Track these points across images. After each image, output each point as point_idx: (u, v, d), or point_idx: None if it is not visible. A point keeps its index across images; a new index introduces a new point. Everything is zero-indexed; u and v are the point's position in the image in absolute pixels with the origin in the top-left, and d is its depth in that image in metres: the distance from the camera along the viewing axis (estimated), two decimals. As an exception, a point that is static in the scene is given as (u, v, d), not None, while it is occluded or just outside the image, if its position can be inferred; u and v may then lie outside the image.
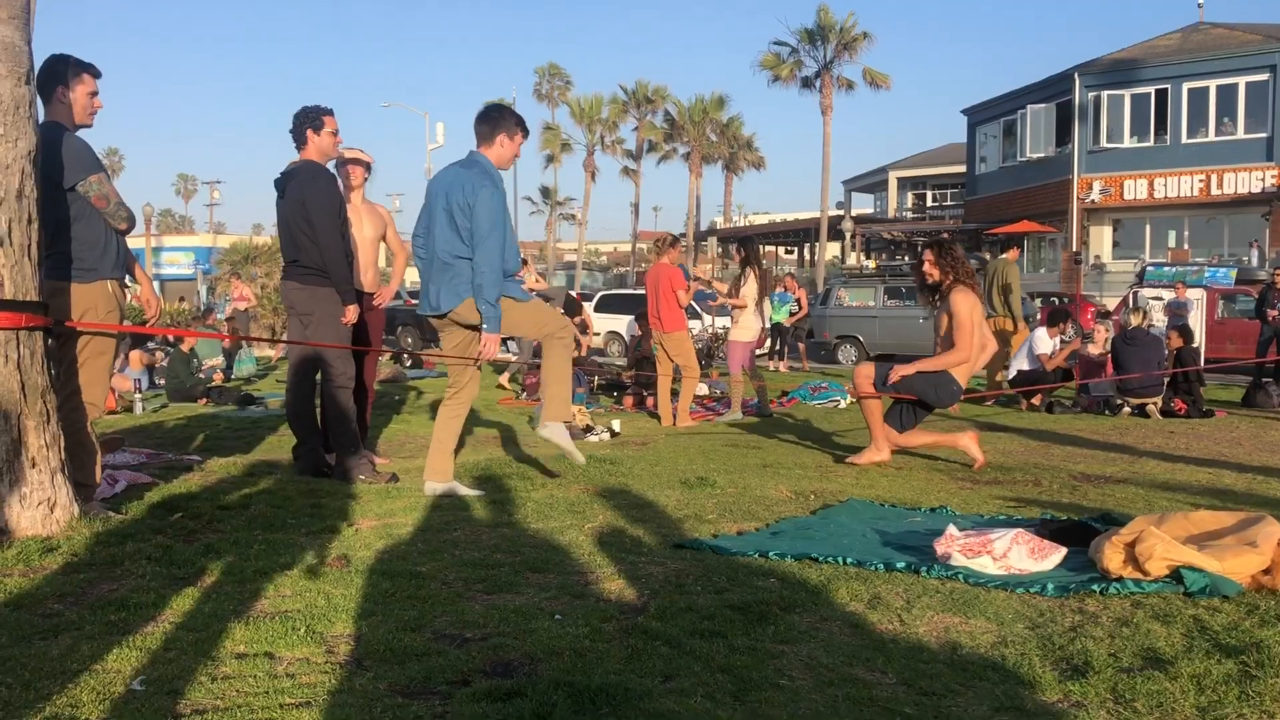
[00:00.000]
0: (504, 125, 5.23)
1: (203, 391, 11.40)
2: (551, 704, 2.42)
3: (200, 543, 4.06)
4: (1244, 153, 31.40)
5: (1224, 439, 8.32)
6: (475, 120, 5.30)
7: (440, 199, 5.12)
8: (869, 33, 40.21)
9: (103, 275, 4.57)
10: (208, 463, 6.12)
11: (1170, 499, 5.42)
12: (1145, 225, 34.20)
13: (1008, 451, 7.41)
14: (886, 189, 53.69)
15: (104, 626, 3.02)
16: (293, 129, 5.78)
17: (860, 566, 3.83)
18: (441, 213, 5.10)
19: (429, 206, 5.25)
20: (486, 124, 5.25)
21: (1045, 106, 35.59)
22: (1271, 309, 15.87)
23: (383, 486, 5.49)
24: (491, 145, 5.23)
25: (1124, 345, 10.77)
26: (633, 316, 13.09)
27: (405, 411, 10.18)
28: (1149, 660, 2.83)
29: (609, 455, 6.78)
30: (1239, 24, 34.64)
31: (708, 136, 52.94)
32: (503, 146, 5.24)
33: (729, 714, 2.45)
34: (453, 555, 3.95)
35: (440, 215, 5.11)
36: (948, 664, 2.83)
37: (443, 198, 5.10)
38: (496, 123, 5.23)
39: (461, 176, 5.09)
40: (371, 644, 2.89)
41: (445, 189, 5.11)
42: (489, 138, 5.23)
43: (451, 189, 5.08)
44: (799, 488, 5.68)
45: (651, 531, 4.44)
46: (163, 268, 45.87)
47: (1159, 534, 3.57)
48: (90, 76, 4.58)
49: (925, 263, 6.81)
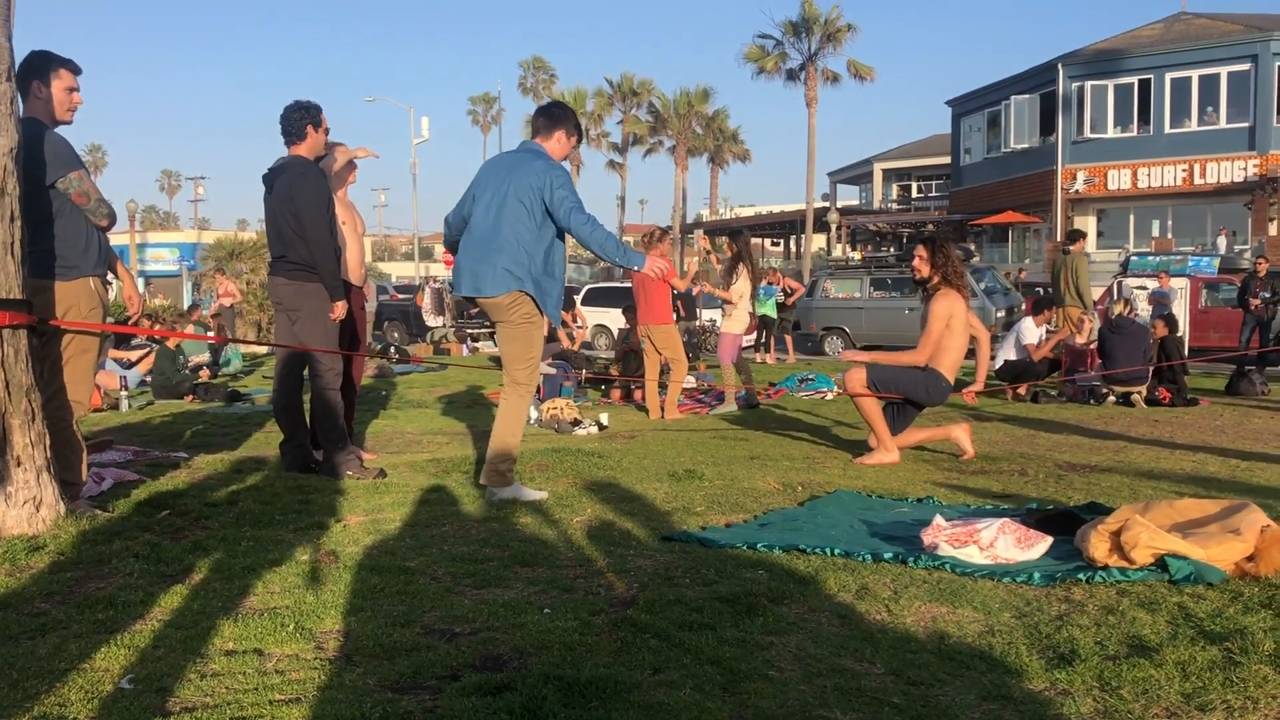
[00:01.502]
0: (564, 123, 5.26)
1: (189, 388, 11.35)
2: (541, 697, 2.43)
3: (188, 540, 4.05)
4: (1226, 142, 31.56)
5: (1208, 427, 8.37)
6: (537, 113, 5.37)
7: (504, 185, 5.03)
8: (853, 25, 40.26)
9: (85, 272, 4.54)
10: (195, 460, 6.10)
11: (1155, 487, 5.45)
12: (1129, 215, 34.36)
13: (994, 441, 7.44)
14: (871, 180, 53.79)
15: (91, 625, 3.02)
16: (288, 123, 5.73)
17: (848, 557, 3.84)
18: (513, 199, 4.98)
19: (481, 190, 5.13)
20: (548, 118, 5.27)
21: (1029, 97, 35.70)
22: (1254, 298, 16.00)
23: (370, 482, 5.49)
24: (549, 139, 5.23)
25: (1110, 334, 10.80)
26: (620, 309, 13.11)
27: (392, 407, 10.16)
28: (1134, 648, 2.85)
29: (597, 449, 6.78)
30: (1221, 14, 34.80)
31: (693, 129, 52.90)
32: (559, 143, 5.25)
33: (718, 705, 2.46)
34: (441, 550, 3.95)
35: (510, 200, 4.98)
36: (935, 653, 2.85)
37: (507, 184, 5.01)
38: (559, 119, 5.27)
39: (527, 163, 5.03)
40: (361, 640, 2.90)
41: (509, 174, 5.03)
42: (548, 132, 5.24)
43: (518, 175, 5.00)
44: (787, 479, 5.70)
45: (640, 524, 4.44)
46: (147, 264, 45.58)
47: (1144, 522, 3.60)
48: (68, 72, 4.54)
49: (916, 258, 6.85)
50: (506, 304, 5.05)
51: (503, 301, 5.04)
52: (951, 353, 6.62)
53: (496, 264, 4.99)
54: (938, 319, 6.58)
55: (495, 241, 5.00)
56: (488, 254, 5.02)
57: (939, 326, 6.58)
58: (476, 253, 5.07)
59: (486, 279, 5.02)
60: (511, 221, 4.98)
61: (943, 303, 6.60)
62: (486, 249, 5.03)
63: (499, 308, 5.08)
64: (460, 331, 22.69)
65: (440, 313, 23.55)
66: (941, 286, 6.67)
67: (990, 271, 22.28)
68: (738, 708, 2.46)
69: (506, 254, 4.98)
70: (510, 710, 2.38)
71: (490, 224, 5.03)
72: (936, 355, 6.61)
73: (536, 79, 58.15)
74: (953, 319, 6.58)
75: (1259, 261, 17.00)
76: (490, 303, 5.10)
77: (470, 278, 5.09)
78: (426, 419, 9.20)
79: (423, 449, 7.19)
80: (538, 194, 4.95)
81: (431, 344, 21.99)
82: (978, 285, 19.64)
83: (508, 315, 5.08)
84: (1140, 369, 10.36)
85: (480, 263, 5.05)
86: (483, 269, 5.04)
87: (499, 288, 5.00)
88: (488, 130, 68.77)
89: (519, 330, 5.10)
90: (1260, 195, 31.02)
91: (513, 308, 5.05)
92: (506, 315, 5.08)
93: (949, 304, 6.59)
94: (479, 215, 5.10)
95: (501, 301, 5.04)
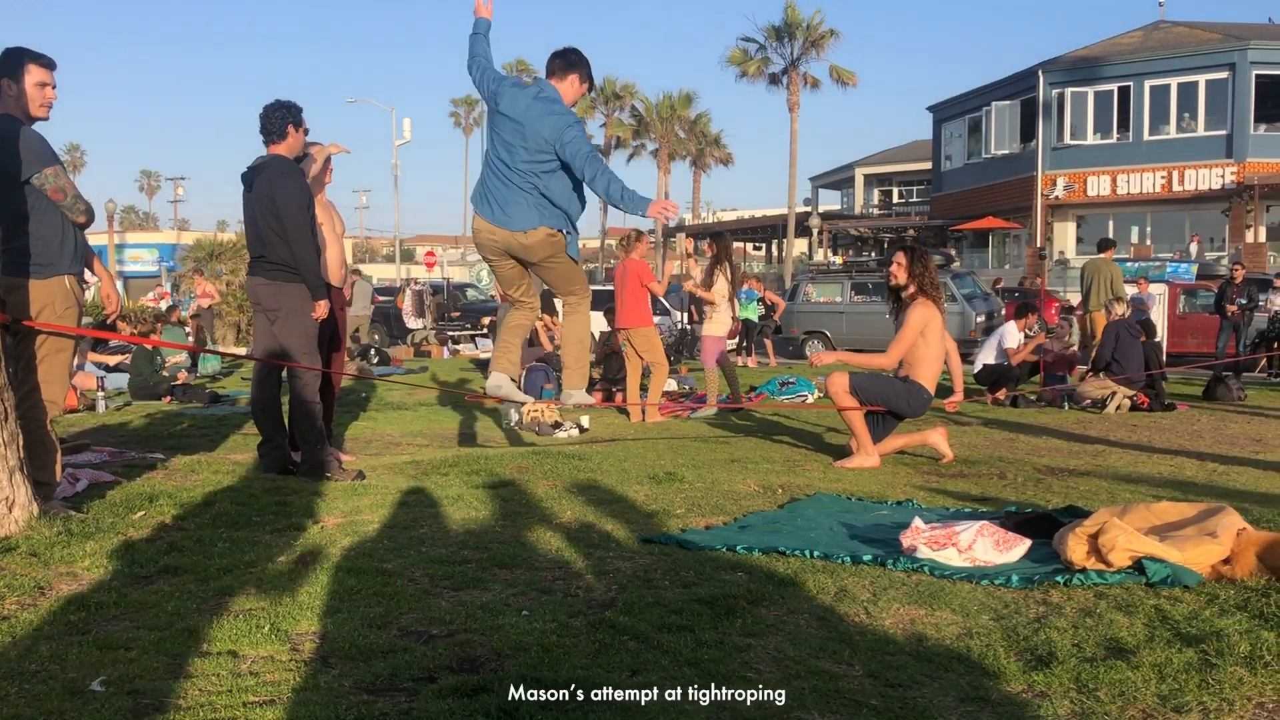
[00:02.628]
0: (579, 69, 5.35)
1: (167, 389, 11.27)
2: (518, 699, 2.42)
3: (163, 541, 4.01)
4: (1204, 150, 31.81)
5: (1185, 432, 8.43)
6: (553, 56, 5.39)
7: (520, 123, 5.15)
8: (836, 30, 40.34)
9: (60, 270, 4.49)
10: (171, 460, 6.05)
11: (1133, 491, 5.48)
12: (1109, 221, 34.55)
13: (973, 445, 7.47)
14: (853, 185, 53.96)
15: (63, 626, 2.98)
16: (269, 122, 5.69)
17: (827, 559, 3.85)
18: (533, 139, 5.12)
19: (499, 125, 5.27)
20: (564, 62, 5.34)
21: (1010, 103, 35.89)
22: (1231, 304, 16.13)
23: (349, 484, 5.46)
24: (563, 82, 5.31)
25: (1127, 335, 10.68)
26: (602, 312, 13.11)
27: (371, 409, 10.11)
28: (1112, 650, 2.86)
29: (577, 451, 6.77)
30: (1199, 22, 35.12)
31: (676, 133, 52.99)
32: (572, 86, 5.33)
33: (696, 708, 2.45)
34: (419, 552, 3.93)
35: (530, 141, 5.13)
36: (914, 655, 2.85)
37: (522, 122, 5.14)
38: (574, 65, 5.34)
39: (538, 110, 5.14)
40: (337, 641, 2.87)
41: (523, 115, 5.15)
42: (563, 74, 5.31)
43: (531, 119, 5.13)
44: (767, 482, 5.70)
45: (620, 526, 4.43)
46: (126, 264, 45.31)
47: (1121, 525, 3.61)
48: (39, 67, 4.46)
49: (895, 264, 6.86)
50: (534, 236, 5.25)
51: (532, 235, 5.24)
52: (930, 363, 6.64)
53: (519, 200, 5.22)
54: (912, 326, 6.61)
55: (516, 182, 5.20)
56: (512, 191, 5.23)
57: (912, 334, 6.60)
58: (504, 186, 5.25)
59: (513, 211, 5.24)
60: (531, 166, 5.16)
61: (919, 311, 6.63)
62: (509, 186, 5.23)
63: (528, 241, 5.27)
64: (441, 334, 22.63)
65: (421, 315, 23.49)
66: (918, 296, 6.70)
67: (970, 277, 22.38)
68: (716, 710, 2.45)
69: (528, 195, 5.20)
70: (487, 712, 2.36)
71: (517, 165, 5.18)
72: (915, 366, 6.63)
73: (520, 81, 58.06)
74: (928, 328, 6.60)
75: (1235, 268, 17.14)
76: (517, 238, 5.27)
77: (502, 209, 5.26)
78: (406, 421, 9.16)
79: (402, 451, 7.17)
80: (547, 146, 5.10)
81: (412, 346, 21.91)
82: (958, 290, 19.72)
83: (540, 254, 5.33)
84: (1143, 373, 10.37)
85: (504, 198, 5.25)
86: (506, 203, 5.25)
87: (523, 223, 5.23)
88: (470, 132, 68.80)
89: (555, 263, 5.40)
90: (1237, 203, 31.28)
91: (544, 245, 5.28)
92: (539, 254, 5.33)
93: (925, 313, 6.62)
94: (503, 148, 5.23)
95: (530, 235, 5.24)
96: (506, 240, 5.29)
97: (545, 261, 5.41)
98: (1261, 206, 31.56)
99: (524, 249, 5.32)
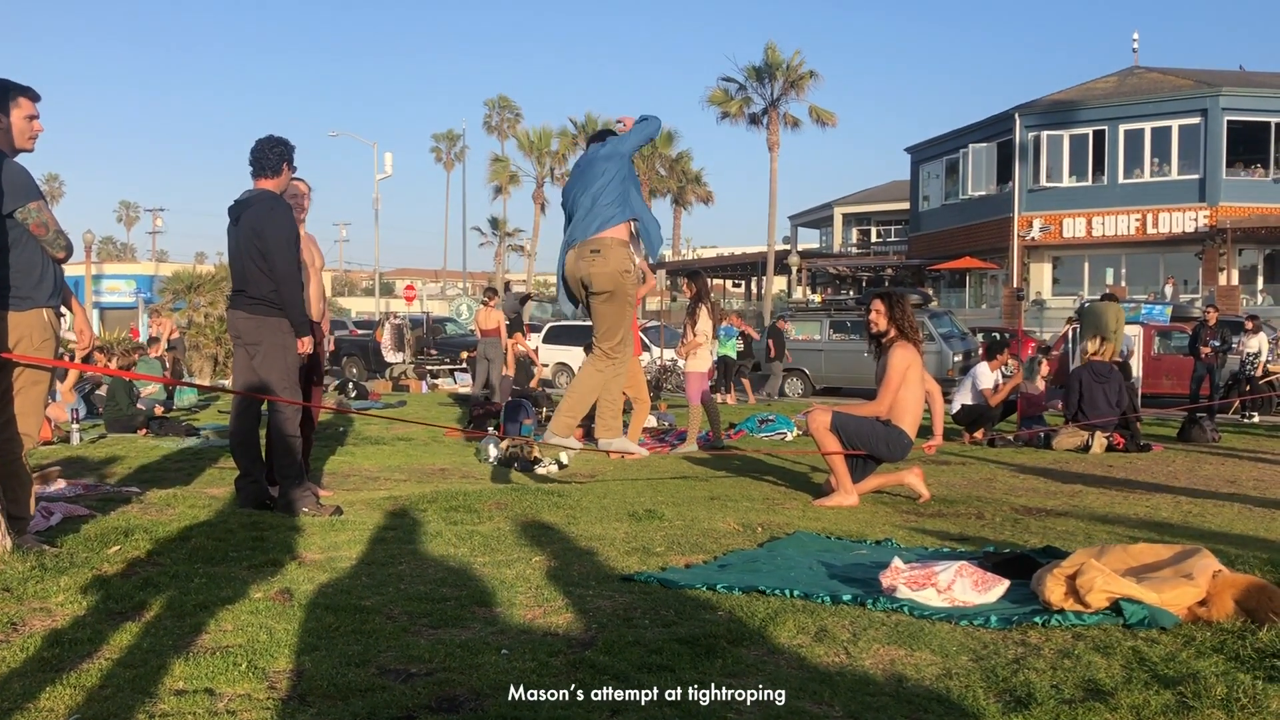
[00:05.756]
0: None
1: (143, 422, 11.18)
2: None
3: (138, 577, 3.97)
4: (1178, 193, 32.28)
5: (1160, 473, 8.49)
6: (594, 135, 6.31)
7: (590, 177, 6.01)
8: (815, 71, 40.82)
9: (38, 304, 4.47)
10: (147, 494, 6.00)
11: (1109, 532, 5.51)
12: (1084, 262, 34.96)
13: (951, 485, 7.50)
14: (832, 224, 54.39)
15: (37, 664, 2.94)
16: (263, 157, 5.69)
17: (807, 599, 3.84)
18: (613, 181, 5.96)
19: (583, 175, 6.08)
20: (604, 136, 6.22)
21: (986, 145, 36.35)
22: (1205, 345, 16.30)
23: (327, 519, 5.42)
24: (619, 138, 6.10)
25: (1090, 379, 10.76)
26: (582, 348, 13.14)
27: (349, 443, 10.06)
28: (1090, 691, 2.87)
29: (557, 488, 6.75)
30: (1172, 69, 35.72)
31: (657, 171, 53.28)
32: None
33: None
34: (398, 589, 3.91)
35: (614, 183, 5.96)
36: (893, 696, 2.85)
37: (591, 174, 6.01)
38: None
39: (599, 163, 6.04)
40: (315, 679, 2.85)
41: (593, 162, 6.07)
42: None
43: (595, 168, 6.02)
44: (746, 520, 5.70)
45: (599, 564, 4.42)
46: (103, 296, 45.05)
47: (1099, 566, 3.63)
48: (28, 100, 4.48)
49: (874, 311, 6.90)
50: (611, 238, 5.88)
51: (608, 232, 5.88)
52: (911, 408, 6.67)
53: (601, 218, 5.92)
54: (895, 370, 6.64)
55: (598, 210, 5.93)
56: (594, 214, 5.94)
57: (897, 378, 6.63)
58: (587, 213, 5.97)
59: (597, 223, 5.90)
60: (611, 200, 5.94)
61: (900, 354, 6.66)
62: (592, 212, 5.94)
63: (605, 257, 5.88)
64: (420, 368, 22.58)
65: (400, 349, 23.44)
66: (898, 340, 6.74)
67: (948, 316, 22.54)
68: (696, 750, 2.44)
69: (604, 216, 5.92)
70: (466, 752, 2.34)
71: (602, 199, 5.94)
72: (896, 411, 6.65)
73: (502, 118, 58.50)
74: (910, 370, 6.64)
75: (1209, 311, 17.35)
76: (593, 268, 5.89)
77: (589, 226, 5.93)
78: (384, 456, 9.12)
79: (380, 486, 7.13)
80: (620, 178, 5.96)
81: (390, 380, 21.84)
82: (936, 330, 19.86)
83: (614, 283, 5.93)
84: (1116, 415, 10.44)
85: (588, 220, 5.94)
86: (591, 219, 5.93)
87: (605, 226, 5.90)
88: (451, 167, 68.96)
89: (616, 299, 5.99)
90: (1210, 246, 31.70)
91: (619, 272, 5.91)
92: (613, 283, 5.93)
93: (906, 355, 6.66)
94: (582, 193, 6.03)
95: (607, 234, 5.88)
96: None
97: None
98: (1234, 250, 32.00)
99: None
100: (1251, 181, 32.14)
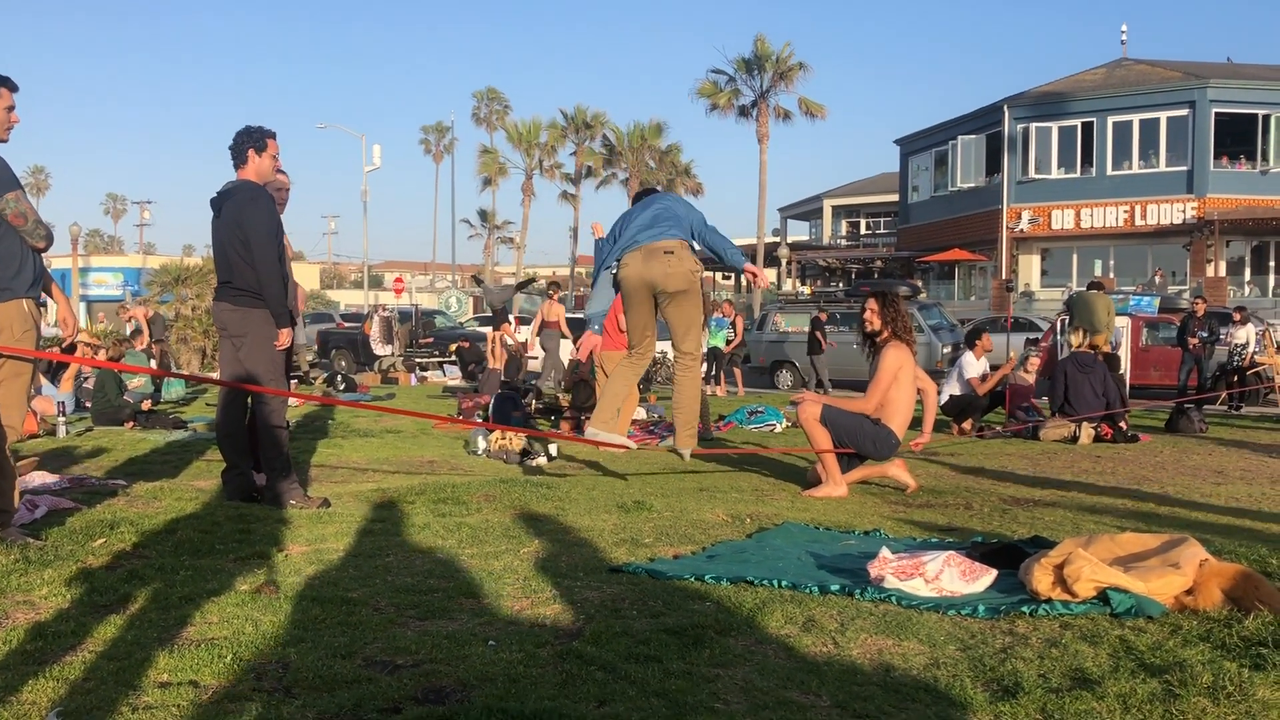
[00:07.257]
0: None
1: (130, 415, 11.12)
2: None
3: (124, 569, 3.95)
4: (1165, 185, 32.40)
5: (1148, 463, 8.52)
6: (642, 190, 6.72)
7: (649, 201, 6.45)
8: (805, 63, 40.82)
9: (18, 294, 4.44)
10: (133, 487, 5.97)
11: (1097, 522, 5.52)
12: (1073, 254, 35.08)
13: (939, 475, 7.51)
14: (821, 216, 54.45)
15: (20, 656, 2.93)
16: (233, 147, 5.68)
17: (795, 589, 3.84)
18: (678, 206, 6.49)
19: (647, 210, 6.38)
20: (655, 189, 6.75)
21: (975, 137, 36.42)
22: (1193, 337, 16.37)
23: (314, 511, 5.40)
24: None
25: (1075, 371, 10.75)
26: (571, 340, 13.12)
27: (337, 435, 10.03)
28: (1077, 680, 2.87)
29: (545, 480, 6.74)
30: (1160, 61, 35.84)
31: (646, 163, 53.17)
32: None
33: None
34: (385, 581, 3.90)
35: (678, 205, 6.49)
36: (881, 686, 2.85)
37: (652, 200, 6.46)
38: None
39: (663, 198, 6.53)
40: (300, 672, 2.84)
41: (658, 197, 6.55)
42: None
43: (660, 200, 6.50)
44: (735, 511, 5.70)
45: (587, 555, 4.41)
46: (90, 288, 44.87)
47: (1086, 556, 3.63)
48: (6, 90, 4.44)
49: (867, 310, 6.90)
50: (678, 255, 6.14)
51: (674, 244, 6.15)
52: (901, 409, 6.67)
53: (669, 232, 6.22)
54: (887, 370, 6.64)
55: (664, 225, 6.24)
56: (659, 230, 6.21)
57: (888, 378, 6.63)
58: (653, 227, 6.24)
59: (664, 235, 6.17)
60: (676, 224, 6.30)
61: (892, 354, 6.65)
62: (659, 227, 6.22)
63: (671, 264, 6.12)
64: (409, 361, 22.52)
65: (389, 341, 23.37)
66: (891, 340, 6.73)
67: (937, 308, 22.57)
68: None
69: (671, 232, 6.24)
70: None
71: (668, 221, 6.26)
72: (887, 411, 6.65)
73: (490, 109, 58.29)
74: (901, 371, 6.63)
75: (1197, 302, 17.42)
76: (661, 270, 6.13)
77: (655, 235, 6.18)
78: (372, 448, 9.09)
79: (368, 479, 7.11)
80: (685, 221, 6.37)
81: (379, 373, 21.79)
82: (925, 321, 19.88)
83: (689, 282, 6.19)
84: (1098, 404, 10.45)
85: (655, 231, 6.21)
86: (655, 229, 6.20)
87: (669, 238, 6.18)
88: (440, 159, 68.69)
89: (691, 297, 6.28)
90: (1198, 237, 31.83)
91: (692, 271, 6.20)
92: (688, 282, 6.19)
93: (898, 355, 6.65)
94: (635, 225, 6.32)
95: (673, 244, 6.15)
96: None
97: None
98: (1221, 241, 32.15)
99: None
100: (1239, 173, 32.28)
